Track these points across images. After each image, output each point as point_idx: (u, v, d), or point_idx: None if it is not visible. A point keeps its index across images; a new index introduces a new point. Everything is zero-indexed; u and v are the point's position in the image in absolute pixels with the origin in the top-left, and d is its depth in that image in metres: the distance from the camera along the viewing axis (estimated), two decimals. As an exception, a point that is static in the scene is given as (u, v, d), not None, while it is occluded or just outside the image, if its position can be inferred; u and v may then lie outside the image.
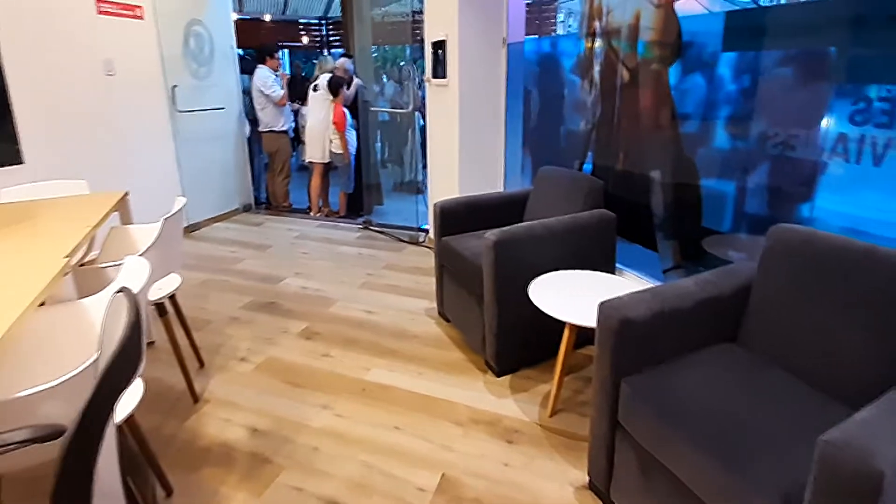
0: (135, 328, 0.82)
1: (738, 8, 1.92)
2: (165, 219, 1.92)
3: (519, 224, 2.12)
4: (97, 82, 3.67)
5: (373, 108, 4.89)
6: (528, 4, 3.39)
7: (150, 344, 2.53)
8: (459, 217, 2.58)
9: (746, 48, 1.88)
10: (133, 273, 1.44)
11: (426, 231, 4.07)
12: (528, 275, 2.00)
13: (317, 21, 11.73)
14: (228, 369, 2.32)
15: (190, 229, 4.48)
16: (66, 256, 1.49)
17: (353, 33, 7.17)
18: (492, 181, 3.46)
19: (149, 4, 3.97)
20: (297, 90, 7.25)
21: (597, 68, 2.54)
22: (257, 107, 4.89)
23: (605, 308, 1.31)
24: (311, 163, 4.92)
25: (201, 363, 2.35)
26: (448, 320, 2.64)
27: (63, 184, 2.58)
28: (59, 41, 3.42)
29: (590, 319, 1.62)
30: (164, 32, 4.09)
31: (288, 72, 8.16)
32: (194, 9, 4.41)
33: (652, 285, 2.13)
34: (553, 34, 3.98)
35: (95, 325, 1.45)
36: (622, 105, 2.35)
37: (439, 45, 3.36)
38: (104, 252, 2.16)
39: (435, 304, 2.79)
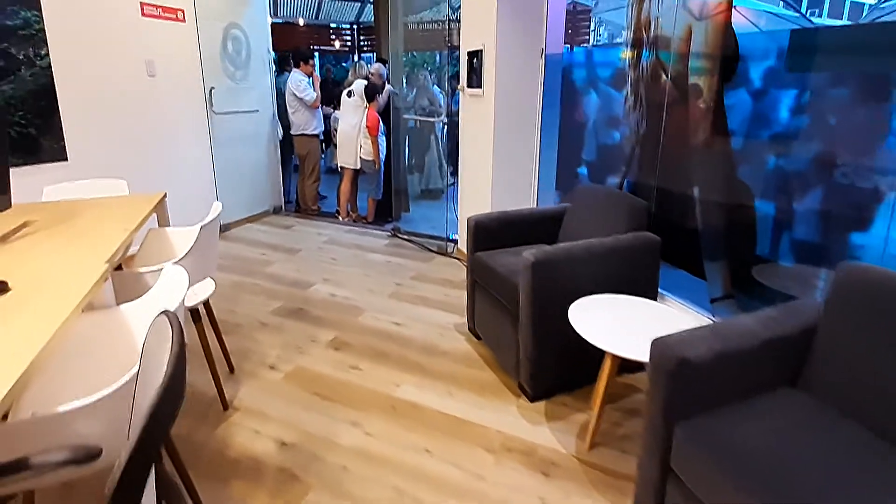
0: (180, 360, 0.78)
1: (806, 27, 1.83)
2: (202, 226, 1.91)
3: (558, 244, 2.05)
4: (139, 83, 3.73)
5: (405, 116, 4.86)
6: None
7: (181, 347, 2.53)
8: (493, 232, 2.53)
9: (813, 69, 1.79)
10: (171, 281, 1.43)
11: (455, 242, 4.02)
12: (566, 297, 1.93)
13: (348, 26, 11.85)
14: (258, 377, 2.30)
15: (222, 229, 4.52)
16: (107, 262, 1.48)
17: (385, 39, 7.21)
18: (524, 195, 3.40)
19: (190, 8, 4.02)
20: (329, 94, 7.30)
21: (642, 82, 2.47)
22: (290, 110, 4.92)
23: (660, 346, 1.24)
24: (342, 168, 4.92)
25: (231, 369, 2.34)
26: (479, 337, 2.58)
27: (103, 183, 2.61)
28: (104, 42, 3.48)
29: (635, 351, 1.55)
30: (204, 35, 4.14)
31: (319, 75, 8.22)
32: (233, 12, 4.46)
33: (697, 313, 2.04)
34: (586, 44, 3.89)
35: (133, 333, 1.44)
36: (669, 121, 2.27)
37: (475, 55, 3.31)
38: (142, 253, 2.17)
39: (465, 320, 2.74)
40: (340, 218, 5.03)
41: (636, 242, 2.09)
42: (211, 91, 4.26)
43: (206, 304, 2.12)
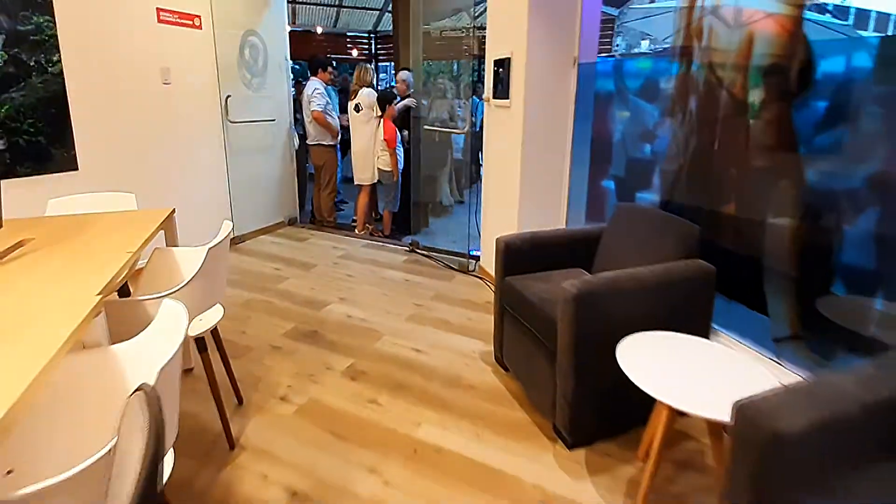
0: (153, 468, 0.60)
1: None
2: (210, 248, 1.74)
3: (602, 274, 1.85)
4: (154, 91, 3.61)
5: (426, 127, 4.69)
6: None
7: (188, 371, 2.37)
8: (524, 255, 2.33)
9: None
10: (169, 319, 1.25)
11: (477, 258, 3.83)
12: (610, 333, 1.72)
13: (366, 35, 11.79)
14: (268, 410, 2.12)
15: (236, 241, 4.38)
16: (100, 293, 1.31)
17: (405, 48, 7.08)
18: (553, 214, 3.20)
19: (207, 14, 3.91)
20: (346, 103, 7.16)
21: (692, 95, 2.26)
22: (305, 119, 4.79)
23: (747, 412, 1.03)
24: (358, 183, 4.77)
25: (240, 399, 2.16)
26: (506, 369, 2.38)
27: (110, 197, 2.46)
28: (118, 48, 3.37)
29: (704, 405, 1.34)
30: (221, 42, 4.02)
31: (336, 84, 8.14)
32: (250, 19, 4.34)
33: (759, 353, 1.81)
34: (610, 54, 3.67)
35: (126, 379, 1.27)
36: (726, 137, 2.06)
37: (501, 63, 3.14)
38: (145, 277, 2.01)
39: (491, 348, 2.54)
40: (357, 231, 4.87)
41: (689, 272, 1.87)
42: (227, 99, 4.13)
43: (213, 330, 1.94)
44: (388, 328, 2.84)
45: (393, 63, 7.62)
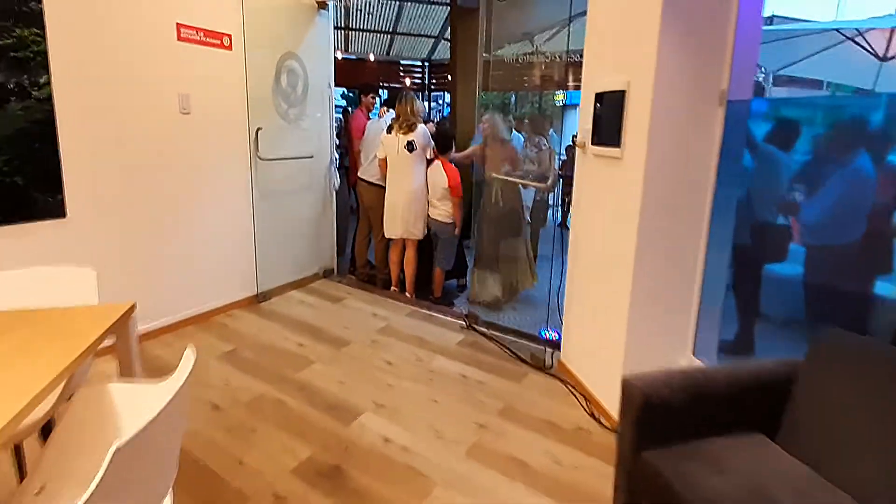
0: None
1: None
2: (149, 422, 0.93)
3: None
4: (168, 121, 2.97)
5: (496, 176, 3.82)
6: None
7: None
8: (675, 413, 1.42)
9: None
10: None
11: (556, 346, 2.93)
12: None
13: (419, 63, 11.31)
14: None
15: (260, 299, 3.66)
16: None
17: (462, 77, 6.39)
18: (680, 322, 2.28)
19: (238, 32, 3.27)
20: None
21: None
22: (370, 154, 4.09)
23: None
24: (394, 238, 3.99)
25: None
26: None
27: (60, 274, 1.74)
28: (126, 69, 2.75)
29: None
30: (253, 66, 3.37)
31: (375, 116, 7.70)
32: (290, 40, 3.70)
33: None
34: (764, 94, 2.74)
35: None
36: None
37: (607, 98, 2.30)
38: (49, 450, 1.22)
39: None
40: (408, 293, 4.05)
41: None
42: (257, 132, 3.47)
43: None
44: (441, 470, 1.98)
45: (448, 93, 6.95)
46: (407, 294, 4.01)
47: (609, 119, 2.32)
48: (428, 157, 3.79)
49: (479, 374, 2.74)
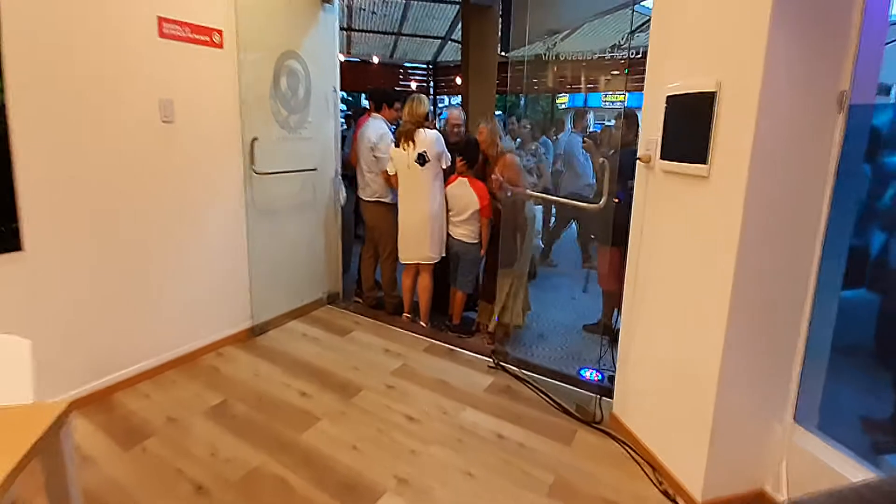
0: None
1: None
2: None
3: None
4: (147, 131, 2.52)
5: (532, 192, 3.32)
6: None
7: None
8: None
9: None
10: None
11: (603, 391, 2.47)
12: None
13: (424, 66, 10.88)
14: None
15: (256, 332, 3.20)
16: None
17: (476, 79, 5.94)
18: (779, 381, 1.82)
19: (230, 28, 2.83)
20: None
21: None
22: (364, 168, 3.62)
23: None
24: (408, 262, 3.52)
25: None
26: None
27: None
28: (97, 72, 2.30)
29: None
30: (248, 67, 2.93)
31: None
32: (291, 38, 3.25)
33: None
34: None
35: None
36: None
37: (693, 102, 1.85)
38: None
39: None
40: (405, 315, 3.60)
41: None
42: (253, 143, 3.02)
43: None
44: (491, 588, 1.52)
45: (461, 97, 6.51)
46: (421, 323, 3.55)
47: (688, 128, 1.87)
48: (444, 166, 3.33)
49: (518, 434, 2.28)
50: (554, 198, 2.87)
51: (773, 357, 1.81)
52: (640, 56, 2.38)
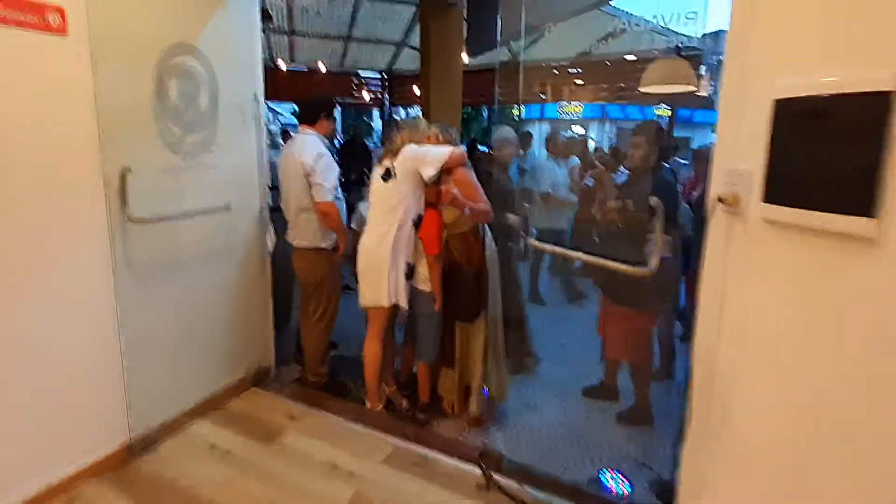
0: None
1: None
2: None
3: None
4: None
5: (541, 245, 2.29)
6: None
7: None
8: None
9: None
10: None
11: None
12: None
13: (377, 75, 10.03)
14: None
15: (137, 450, 2.21)
16: None
17: (437, 89, 5.13)
18: None
19: (79, 9, 1.87)
20: (356, 167, 5.20)
21: None
22: (292, 203, 2.71)
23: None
24: (365, 309, 2.61)
25: None
26: None
27: None
28: None
29: None
30: (113, 65, 1.97)
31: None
32: (182, 26, 2.30)
33: None
34: None
35: None
36: None
37: (836, 111, 1.06)
38: None
39: None
40: (369, 405, 2.69)
41: None
42: (124, 177, 2.05)
43: None
44: None
45: (420, 108, 5.68)
46: (368, 404, 2.66)
47: (828, 153, 1.08)
48: (425, 177, 2.40)
49: None
50: (577, 254, 1.98)
51: None
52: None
